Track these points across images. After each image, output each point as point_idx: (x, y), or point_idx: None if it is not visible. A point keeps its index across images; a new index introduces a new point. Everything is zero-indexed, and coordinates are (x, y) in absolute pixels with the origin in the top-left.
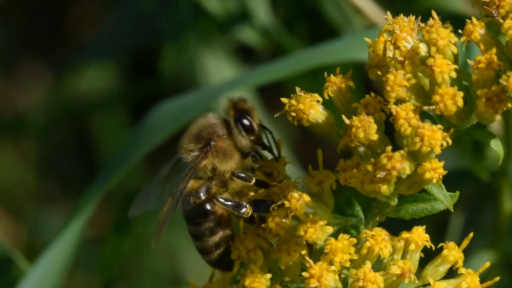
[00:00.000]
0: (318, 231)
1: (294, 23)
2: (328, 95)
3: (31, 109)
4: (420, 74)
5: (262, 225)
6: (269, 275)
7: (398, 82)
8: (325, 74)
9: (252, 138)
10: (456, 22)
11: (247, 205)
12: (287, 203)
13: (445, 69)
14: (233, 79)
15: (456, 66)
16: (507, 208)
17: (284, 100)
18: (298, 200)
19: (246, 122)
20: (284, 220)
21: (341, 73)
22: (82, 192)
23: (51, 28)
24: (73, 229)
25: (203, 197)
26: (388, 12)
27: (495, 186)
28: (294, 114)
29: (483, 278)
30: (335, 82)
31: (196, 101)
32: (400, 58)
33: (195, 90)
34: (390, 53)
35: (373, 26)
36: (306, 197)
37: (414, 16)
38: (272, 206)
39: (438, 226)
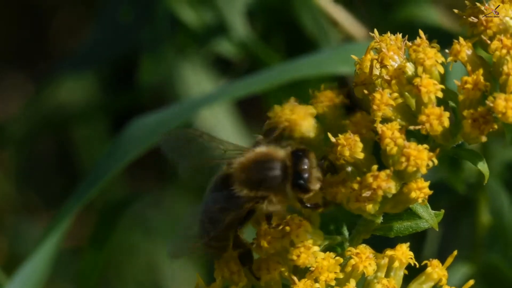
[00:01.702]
0: (311, 257)
1: (271, 36)
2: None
3: (10, 120)
4: (406, 93)
5: (254, 240)
6: None
7: (384, 101)
8: (314, 88)
9: (308, 194)
10: (434, 34)
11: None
12: (288, 229)
13: (431, 89)
14: (211, 93)
15: (442, 86)
16: (484, 221)
17: (277, 108)
18: (300, 227)
19: (304, 185)
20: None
21: (317, 87)
22: (63, 204)
23: (32, 39)
24: (50, 242)
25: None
26: (375, 30)
27: (472, 198)
28: (287, 124)
29: None
30: (327, 97)
31: (175, 115)
32: (387, 77)
33: (174, 103)
34: (376, 72)
35: (350, 39)
36: (307, 225)
37: (401, 34)
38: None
39: (415, 237)
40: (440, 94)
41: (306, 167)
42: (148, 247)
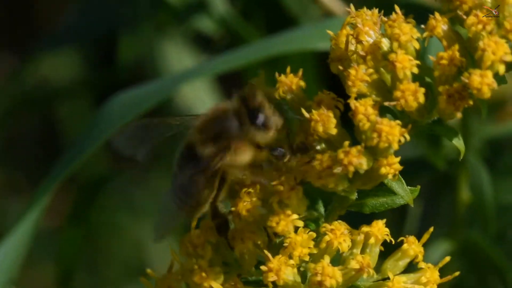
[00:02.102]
0: (290, 225)
1: (251, 12)
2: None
3: None
4: (382, 69)
5: (232, 208)
6: (218, 269)
7: (359, 77)
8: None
9: (268, 133)
10: (416, 12)
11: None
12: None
13: (407, 64)
14: (191, 69)
15: (418, 62)
16: (464, 197)
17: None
18: (293, 189)
19: (261, 118)
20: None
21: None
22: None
23: (17, 16)
24: (29, 219)
25: (197, 189)
26: (351, 5)
27: (453, 175)
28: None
29: (441, 268)
30: (285, 83)
31: (155, 90)
32: (362, 53)
33: (154, 79)
34: (352, 47)
35: (330, 15)
36: (300, 190)
37: (377, 9)
38: (244, 190)
39: (396, 214)
40: (415, 70)
41: (256, 103)
42: (134, 226)
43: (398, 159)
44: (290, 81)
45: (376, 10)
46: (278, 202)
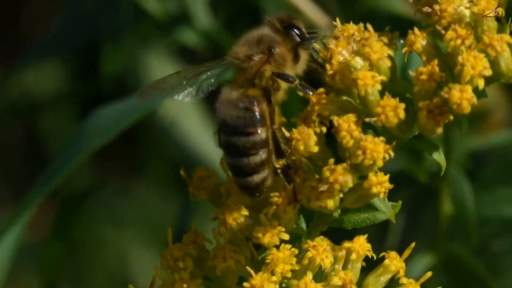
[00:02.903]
0: (275, 237)
1: (234, 24)
2: None
3: None
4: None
5: (219, 216)
6: (200, 281)
7: (317, 101)
8: None
9: (305, 46)
10: (397, 23)
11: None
12: (279, 200)
13: (368, 81)
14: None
15: (383, 78)
16: (446, 210)
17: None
18: (290, 204)
19: (297, 30)
20: (242, 218)
21: None
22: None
23: (2, 27)
24: (12, 233)
25: (257, 107)
26: (337, 19)
27: (434, 188)
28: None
29: (423, 282)
30: None
31: (139, 104)
32: (330, 72)
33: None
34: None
35: (314, 27)
36: (297, 206)
37: (360, 23)
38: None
39: (377, 227)
40: (378, 87)
41: (292, 19)
42: (118, 238)
43: (387, 177)
44: None
45: (361, 25)
46: (273, 215)
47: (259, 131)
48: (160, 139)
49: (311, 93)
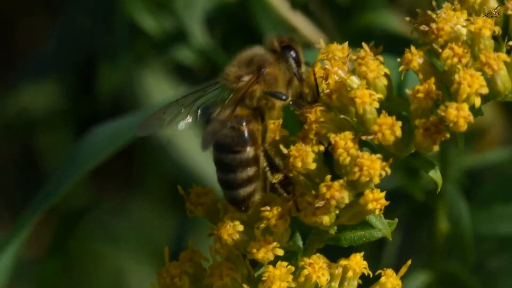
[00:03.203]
0: (270, 253)
1: (230, 42)
2: None
3: None
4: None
5: (215, 232)
6: None
7: (315, 120)
8: None
9: (298, 69)
10: (392, 41)
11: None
12: (269, 214)
13: (366, 100)
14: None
15: (380, 96)
16: (442, 228)
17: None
18: (281, 218)
19: (293, 53)
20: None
21: None
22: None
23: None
24: (8, 251)
25: (245, 126)
26: (321, 41)
27: (431, 205)
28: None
29: None
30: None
31: (134, 123)
32: (327, 91)
33: (135, 109)
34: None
35: (309, 45)
36: (289, 220)
37: (347, 43)
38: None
39: (373, 245)
40: (376, 105)
41: (290, 40)
42: (114, 256)
43: (383, 194)
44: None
45: (346, 45)
46: (264, 229)
47: (247, 149)
48: (157, 157)
49: (304, 109)
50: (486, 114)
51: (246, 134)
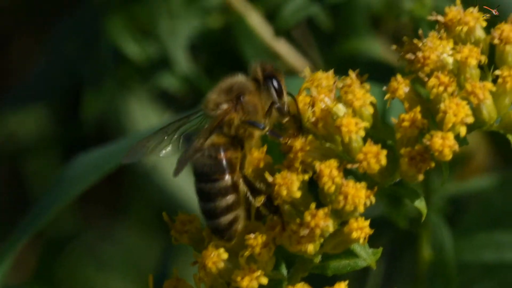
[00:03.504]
0: (254, 281)
1: (214, 69)
2: None
3: None
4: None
5: (199, 260)
6: None
7: (300, 148)
8: None
9: (279, 99)
10: (376, 68)
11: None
12: (254, 242)
13: (352, 128)
14: (156, 127)
15: (366, 125)
16: (426, 256)
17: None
18: (265, 247)
19: (275, 83)
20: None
21: None
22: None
23: None
24: None
25: (223, 154)
26: (307, 68)
27: (414, 233)
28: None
29: None
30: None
31: (119, 150)
32: (313, 119)
33: (119, 137)
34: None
35: (293, 72)
36: (273, 249)
37: (333, 71)
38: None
39: (358, 272)
40: (362, 133)
41: (273, 70)
42: (101, 281)
43: (367, 222)
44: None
45: (331, 73)
46: (249, 257)
47: (225, 177)
48: (143, 183)
49: (282, 139)
50: (470, 141)
51: (224, 162)
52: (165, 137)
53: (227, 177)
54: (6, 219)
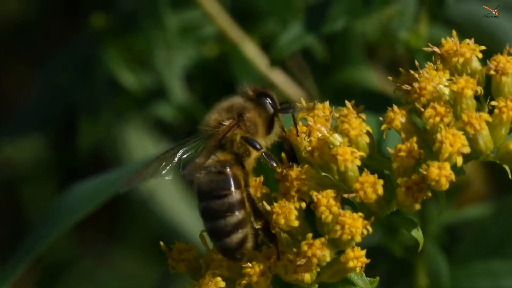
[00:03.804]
0: None
1: (210, 98)
2: None
3: None
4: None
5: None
6: None
7: (296, 177)
8: None
9: (277, 117)
10: (373, 98)
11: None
12: (251, 271)
13: (348, 157)
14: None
15: (362, 154)
16: (422, 284)
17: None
18: (262, 275)
19: (269, 99)
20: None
21: None
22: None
23: None
24: None
25: (229, 170)
26: (302, 99)
27: (410, 262)
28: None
29: None
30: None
31: (115, 180)
32: (309, 148)
33: (115, 166)
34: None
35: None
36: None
37: (328, 102)
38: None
39: None
40: (358, 162)
41: (266, 90)
42: None
43: (364, 252)
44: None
45: (327, 104)
46: (246, 286)
47: (233, 193)
48: (139, 209)
49: (274, 164)
50: (467, 169)
51: (231, 177)
52: (164, 163)
53: (234, 191)
54: (3, 246)
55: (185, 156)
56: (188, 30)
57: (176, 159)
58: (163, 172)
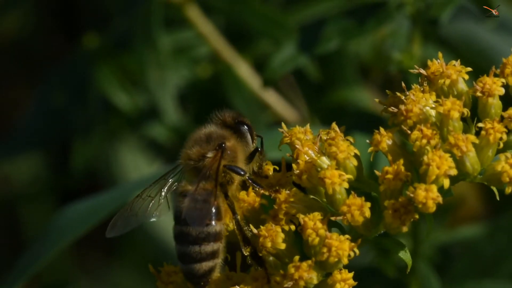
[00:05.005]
0: None
1: (203, 118)
2: None
3: None
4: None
5: None
6: None
7: (285, 200)
8: None
9: (253, 142)
10: (367, 119)
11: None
12: None
13: (336, 180)
14: (146, 177)
15: (350, 177)
16: None
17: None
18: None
19: (247, 127)
20: None
21: None
22: None
23: None
24: None
25: (213, 200)
26: (283, 124)
27: (403, 282)
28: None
29: None
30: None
31: (110, 200)
32: (297, 172)
33: (109, 187)
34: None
35: (282, 121)
36: None
37: (318, 123)
38: None
39: None
40: (346, 185)
41: (241, 117)
42: None
43: (351, 274)
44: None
45: (308, 127)
46: None
47: (213, 223)
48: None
49: (259, 187)
50: (459, 189)
51: (214, 208)
52: (152, 201)
53: (215, 222)
54: (0, 264)
55: (169, 191)
56: (182, 50)
57: (163, 194)
58: (155, 211)
